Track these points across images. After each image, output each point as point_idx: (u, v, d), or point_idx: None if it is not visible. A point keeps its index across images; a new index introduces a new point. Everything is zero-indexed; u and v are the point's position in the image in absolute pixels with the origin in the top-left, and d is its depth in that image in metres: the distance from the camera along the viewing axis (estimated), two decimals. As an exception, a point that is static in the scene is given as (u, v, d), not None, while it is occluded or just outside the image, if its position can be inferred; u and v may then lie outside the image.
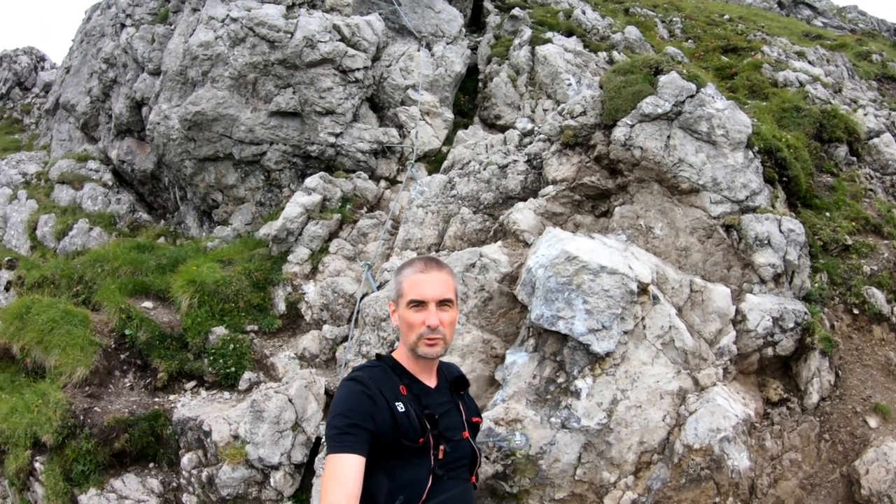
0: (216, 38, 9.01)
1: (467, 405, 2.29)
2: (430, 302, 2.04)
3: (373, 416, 1.89)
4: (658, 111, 5.31)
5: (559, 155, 6.46)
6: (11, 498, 6.19)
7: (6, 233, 11.20)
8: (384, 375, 2.05)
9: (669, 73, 5.25)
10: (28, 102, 19.32)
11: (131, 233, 12.09)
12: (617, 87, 5.53)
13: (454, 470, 2.09)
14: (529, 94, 8.72)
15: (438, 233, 7.56)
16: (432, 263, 2.14)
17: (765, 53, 9.66)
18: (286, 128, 10.00)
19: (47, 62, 21.46)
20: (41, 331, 7.41)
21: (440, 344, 2.07)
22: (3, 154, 14.81)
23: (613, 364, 5.05)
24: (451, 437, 2.09)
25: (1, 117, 18.76)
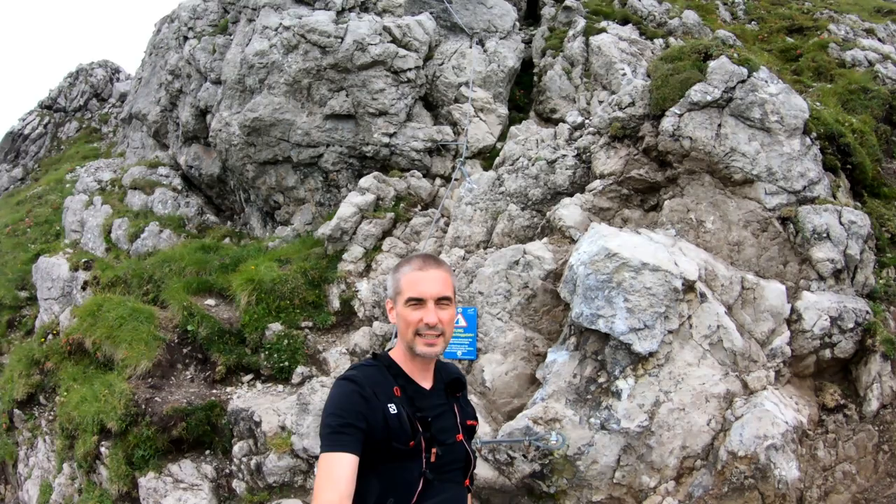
0: (270, 47, 9.32)
1: (463, 407, 2.23)
2: (429, 300, 2.00)
3: (366, 416, 1.88)
4: (707, 98, 5.04)
5: (607, 148, 6.26)
6: (80, 479, 6.64)
7: (83, 236, 12.01)
8: (379, 375, 2.02)
9: (719, 59, 4.97)
10: (105, 112, 20.66)
11: (199, 234, 12.67)
12: (664, 76, 5.29)
13: (447, 473, 2.05)
14: (585, 87, 8.48)
15: (487, 230, 7.51)
16: (430, 261, 2.11)
17: (831, 32, 8.93)
18: (341, 130, 10.20)
19: (122, 73, 22.86)
20: (111, 326, 7.91)
21: (439, 343, 2.03)
22: (83, 162, 15.94)
23: (657, 364, 4.84)
24: (444, 440, 2.05)
25: (80, 127, 20.15)
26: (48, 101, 20.91)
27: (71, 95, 20.87)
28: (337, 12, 9.10)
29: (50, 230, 12.93)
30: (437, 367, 2.19)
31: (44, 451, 7.29)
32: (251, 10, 10.03)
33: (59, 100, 20.81)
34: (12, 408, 7.71)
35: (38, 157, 19.32)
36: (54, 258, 10.90)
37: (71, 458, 6.80)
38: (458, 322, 6.21)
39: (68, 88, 21.07)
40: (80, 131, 19.68)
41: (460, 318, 6.19)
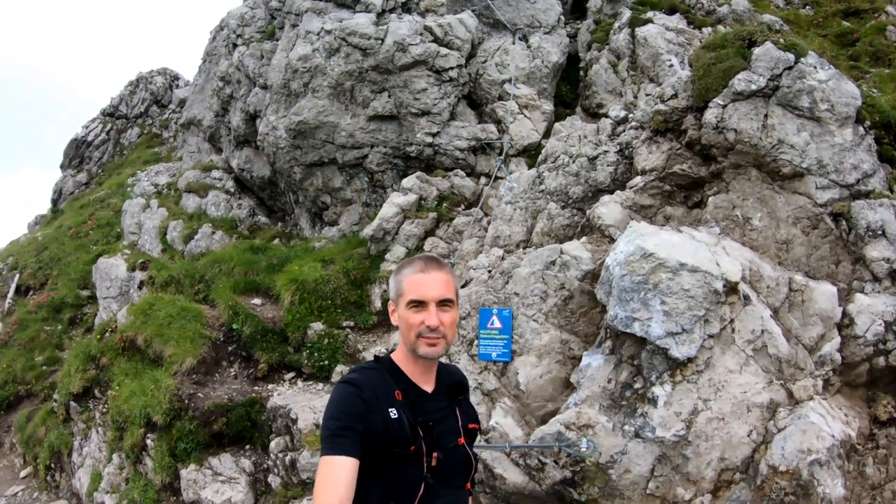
0: (313, 51, 9.47)
1: (465, 411, 2.22)
2: (431, 302, 1.98)
3: (366, 419, 1.87)
4: (752, 87, 4.74)
5: (649, 143, 6.01)
6: (127, 469, 6.91)
7: (140, 238, 12.57)
8: (380, 379, 2.01)
9: (763, 45, 4.66)
10: (165, 118, 21.61)
11: (250, 235, 13.05)
12: (706, 65, 5.03)
13: (448, 477, 2.04)
14: (631, 80, 8.20)
15: (527, 229, 7.37)
16: (432, 263, 2.09)
17: (889, 14, 8.24)
18: (384, 130, 10.27)
19: (181, 80, 23.83)
20: (160, 325, 8.21)
21: (441, 344, 2.01)
22: (144, 167, 16.70)
23: (696, 371, 4.58)
24: (445, 444, 2.03)
25: (142, 133, 21.12)
26: (110, 109, 22.07)
27: (132, 103, 21.95)
28: (377, 14, 9.16)
29: (111, 232, 13.61)
30: (439, 369, 2.17)
31: (96, 442, 7.64)
32: (294, 16, 10.24)
33: (121, 107, 21.93)
34: (69, 400, 8.12)
35: (102, 162, 20.43)
36: (113, 259, 11.45)
37: (120, 449, 7.10)
38: (493, 323, 6.10)
39: (129, 96, 22.17)
40: (141, 137, 20.70)
41: (495, 320, 6.08)
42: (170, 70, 23.86)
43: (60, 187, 19.56)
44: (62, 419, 8.27)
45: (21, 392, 9.92)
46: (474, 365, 6.16)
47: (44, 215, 18.75)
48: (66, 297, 11.79)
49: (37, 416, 8.71)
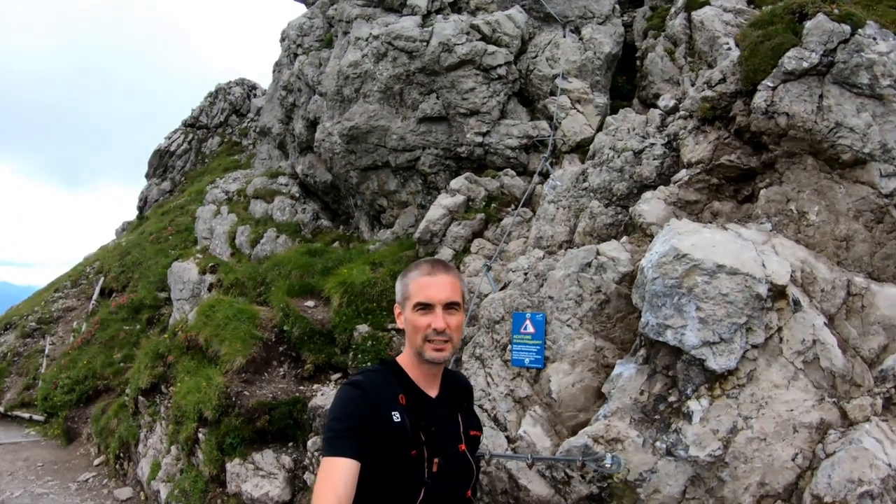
0: (363, 57, 9.53)
1: (467, 417, 2.23)
2: (437, 305, 2.00)
3: (369, 422, 1.88)
4: (804, 65, 4.22)
5: (696, 132, 5.54)
6: (182, 461, 7.23)
7: (212, 242, 13.21)
8: (384, 382, 2.02)
9: (815, 17, 4.13)
10: (244, 127, 22.68)
11: (313, 239, 13.40)
12: (753, 44, 4.54)
13: (449, 483, 2.04)
14: (689, 67, 7.62)
15: (569, 229, 7.06)
16: (439, 266, 2.10)
17: None
18: (434, 132, 10.19)
19: (258, 90, 24.95)
20: (217, 325, 8.55)
21: (447, 349, 2.02)
22: (223, 174, 17.59)
23: (737, 384, 4.13)
24: (446, 449, 2.04)
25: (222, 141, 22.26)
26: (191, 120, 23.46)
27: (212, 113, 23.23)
28: (423, 16, 9.09)
29: (189, 237, 14.42)
30: (444, 375, 2.18)
31: (159, 434, 8.05)
32: (345, 23, 10.38)
33: (201, 118, 23.26)
34: (138, 395, 8.61)
35: (185, 170, 21.76)
36: (186, 263, 12.12)
37: (177, 442, 7.44)
38: (526, 328, 5.85)
39: (209, 107, 23.48)
40: (221, 145, 21.86)
41: (529, 324, 5.83)
42: (247, 80, 25.09)
43: (146, 195, 21.05)
44: (132, 412, 8.80)
45: (100, 387, 10.72)
46: (507, 371, 5.93)
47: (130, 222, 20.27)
48: (145, 299, 12.59)
49: (110, 409, 9.34)
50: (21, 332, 14.80)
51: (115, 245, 17.39)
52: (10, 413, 12.72)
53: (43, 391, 11.75)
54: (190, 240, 14.48)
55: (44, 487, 8.04)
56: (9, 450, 10.20)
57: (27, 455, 9.91)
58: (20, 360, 13.99)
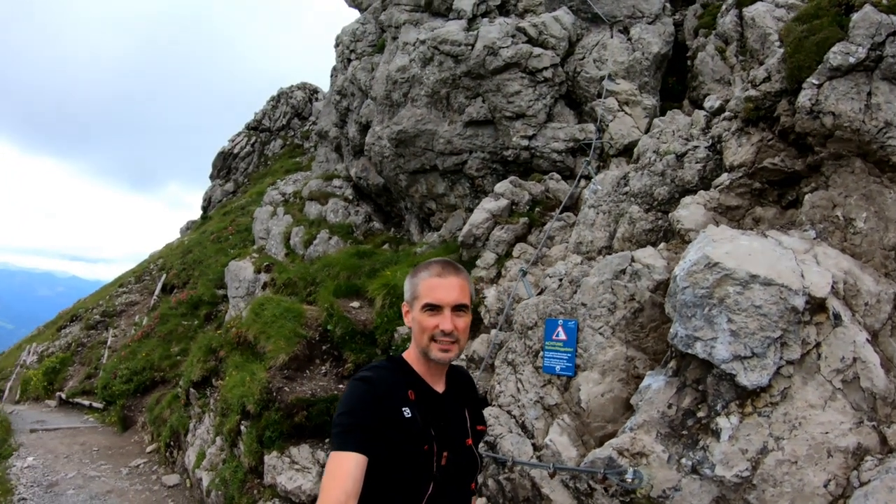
0: (410, 61, 9.62)
1: (473, 412, 2.28)
2: (446, 307, 2.00)
3: (378, 417, 1.90)
4: (850, 61, 3.94)
5: (739, 134, 5.29)
6: (225, 451, 7.52)
7: (268, 242, 13.66)
8: (393, 378, 2.04)
9: (862, 8, 3.84)
10: (306, 130, 23.32)
11: (364, 240, 13.64)
12: (797, 39, 4.29)
13: (456, 477, 2.06)
14: (741, 66, 7.26)
15: (609, 234, 6.89)
16: (449, 268, 2.12)
17: None
18: (481, 136, 10.17)
19: (320, 93, 25.60)
20: (265, 323, 8.85)
21: (454, 349, 2.03)
22: (284, 176, 18.18)
23: (770, 402, 3.90)
24: (454, 444, 2.06)
25: (284, 144, 22.98)
26: (254, 123, 24.34)
27: (274, 116, 24.04)
28: (468, 20, 9.08)
29: (247, 237, 14.98)
30: (447, 370, 2.21)
31: (206, 425, 8.41)
32: (395, 29, 10.52)
33: (264, 121, 24.10)
34: (189, 387, 9.03)
35: (248, 172, 22.61)
36: (242, 262, 12.60)
37: (221, 433, 7.75)
38: (558, 335, 5.75)
39: (271, 110, 24.30)
40: (284, 148, 22.60)
41: (561, 331, 5.72)
42: (309, 84, 25.85)
43: (210, 196, 22.04)
44: (183, 403, 9.23)
45: (156, 378, 11.31)
46: (538, 377, 5.84)
47: (194, 221, 21.28)
48: (203, 296, 13.18)
49: (164, 400, 9.84)
50: (86, 323, 15.86)
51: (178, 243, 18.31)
52: (72, 400, 13.66)
53: (103, 380, 12.53)
54: (248, 240, 15.04)
55: (96, 471, 8.57)
56: (67, 434, 10.94)
57: (84, 440, 10.57)
58: (83, 350, 15.00)
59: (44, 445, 10.11)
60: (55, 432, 11.24)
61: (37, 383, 14.80)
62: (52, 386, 14.63)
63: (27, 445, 10.07)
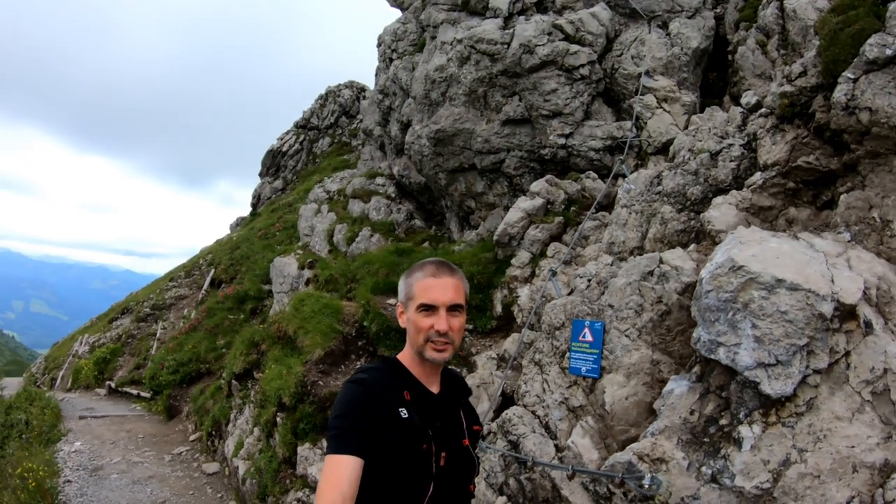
0: (448, 61, 9.66)
1: (468, 413, 2.27)
2: (441, 307, 2.01)
3: (373, 419, 1.89)
4: (887, 53, 3.75)
5: (774, 131, 5.10)
6: (262, 441, 7.78)
7: (312, 239, 13.97)
8: (389, 379, 2.04)
9: (901, -1, 3.64)
10: (354, 128, 23.67)
11: (406, 238, 13.78)
12: (832, 31, 4.10)
13: (454, 478, 2.04)
14: (782, 60, 6.95)
15: (641, 235, 6.77)
16: (444, 268, 2.12)
17: None
18: (518, 134, 10.13)
19: (367, 92, 25.90)
20: (304, 318, 9.09)
21: (448, 350, 2.04)
22: (332, 174, 18.54)
23: (794, 412, 3.76)
24: (452, 444, 2.06)
25: (332, 142, 23.37)
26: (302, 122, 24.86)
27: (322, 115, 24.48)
28: (504, 18, 9.03)
29: (293, 234, 15.37)
30: (442, 371, 2.21)
31: (246, 416, 8.72)
32: (433, 28, 10.57)
33: (312, 119, 24.58)
34: (231, 379, 9.37)
35: (296, 169, 23.13)
36: (287, 258, 12.95)
37: (259, 424, 8.02)
38: (584, 336, 5.70)
39: (319, 109, 24.76)
40: (332, 146, 23.01)
41: (587, 332, 5.66)
42: (356, 83, 26.23)
43: (259, 193, 22.69)
44: (225, 394, 9.59)
45: (202, 369, 11.77)
46: (564, 378, 5.80)
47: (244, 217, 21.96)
48: (250, 291, 13.61)
49: (208, 391, 10.23)
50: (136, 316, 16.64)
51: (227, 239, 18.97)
52: (121, 389, 14.34)
53: (151, 371, 13.10)
54: (294, 236, 15.43)
55: (140, 457, 9.00)
56: (115, 421, 11.49)
57: (130, 427, 11.07)
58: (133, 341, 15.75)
59: (91, 431, 10.62)
60: (103, 419, 11.78)
61: (87, 372, 15.63)
62: (103, 375, 15.41)
63: (76, 431, 10.59)
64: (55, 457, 8.83)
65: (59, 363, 19.87)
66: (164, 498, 7.58)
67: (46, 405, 12.01)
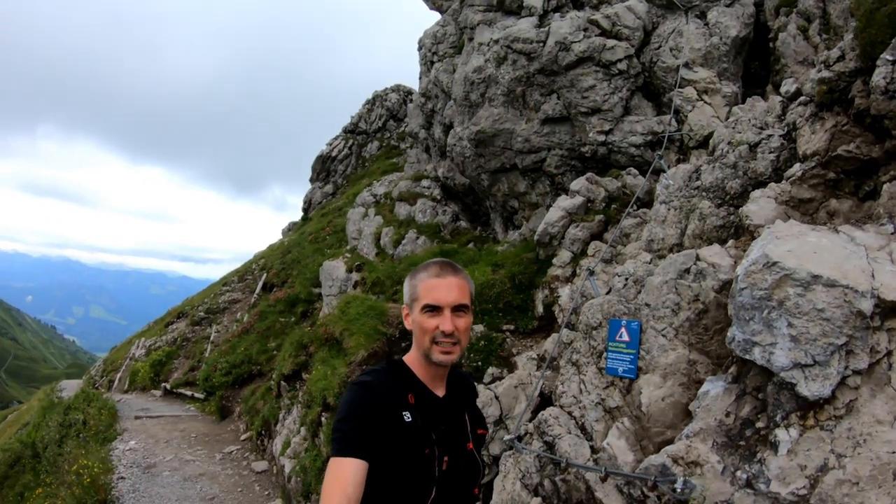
0: (485, 62, 9.67)
1: (473, 416, 2.22)
2: (446, 308, 2.00)
3: (377, 422, 1.88)
4: (929, 37, 3.55)
5: (813, 120, 4.89)
6: (307, 441, 8.01)
7: (360, 242, 14.23)
8: (393, 382, 2.04)
9: (941, -22, 3.42)
10: (402, 131, 23.93)
11: (451, 240, 13.86)
12: (868, 12, 3.92)
13: (458, 482, 2.03)
14: (824, 45, 6.61)
15: (680, 231, 6.62)
16: (448, 268, 2.10)
17: None
18: (558, 133, 10.04)
19: (414, 95, 26.10)
20: (349, 320, 9.30)
21: (455, 351, 2.03)
22: (381, 177, 18.82)
23: (833, 415, 3.61)
24: (455, 448, 2.04)
25: (381, 146, 23.68)
26: (350, 126, 25.29)
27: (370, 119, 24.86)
28: (539, 16, 8.97)
29: (343, 237, 15.69)
30: (449, 375, 2.18)
31: (294, 416, 9.00)
32: (470, 30, 10.60)
33: (360, 124, 24.99)
34: (281, 380, 9.69)
35: (346, 174, 23.58)
36: (335, 261, 13.26)
37: (305, 424, 8.27)
38: (621, 336, 5.62)
39: (367, 113, 25.14)
40: (380, 149, 23.35)
41: (624, 332, 5.59)
42: (403, 86, 26.53)
43: (310, 198, 23.25)
44: (275, 395, 9.92)
45: (253, 371, 12.17)
46: (601, 379, 5.74)
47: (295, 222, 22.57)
48: (300, 294, 13.99)
49: (258, 391, 10.59)
50: (191, 320, 17.33)
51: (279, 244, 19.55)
52: (175, 390, 14.93)
53: (204, 373, 13.59)
54: (343, 240, 15.76)
55: (192, 455, 9.37)
56: (169, 421, 11.97)
57: (184, 427, 11.48)
58: (188, 344, 16.41)
59: (146, 431, 11.06)
60: (158, 419, 12.24)
61: (144, 375, 16.35)
62: (158, 377, 16.10)
63: (131, 430, 11.07)
64: (110, 455, 9.22)
65: (116, 366, 20.81)
66: (213, 494, 7.87)
67: (103, 406, 12.60)
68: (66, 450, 9.75)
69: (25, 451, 12.12)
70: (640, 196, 9.13)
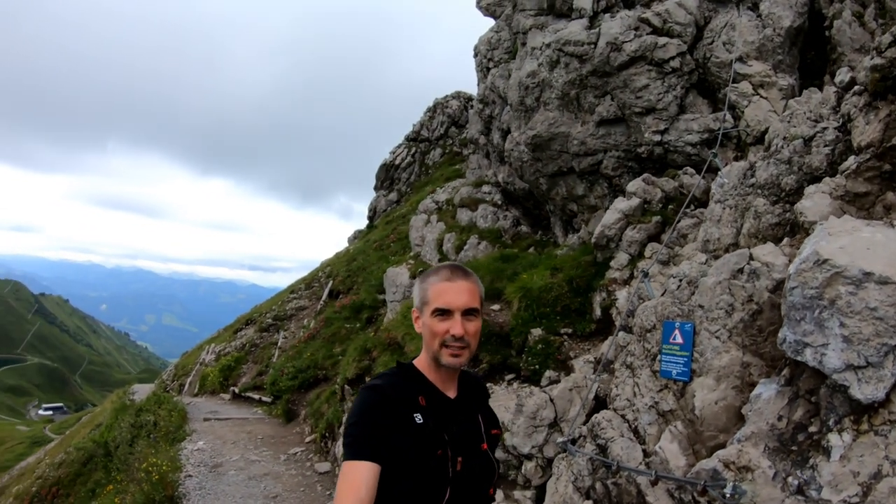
0: (539, 66, 9.72)
1: (486, 416, 2.24)
2: (456, 311, 1.99)
3: (389, 425, 1.89)
4: None
5: (867, 110, 4.70)
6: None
7: (423, 249, 14.51)
8: (404, 384, 2.04)
9: None
10: (464, 137, 24.13)
11: (512, 244, 13.93)
12: (924, 4, 3.77)
13: (472, 482, 2.04)
14: (881, 30, 6.24)
15: (735, 230, 6.46)
16: (458, 272, 2.10)
17: None
18: (614, 134, 9.95)
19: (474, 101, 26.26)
20: (411, 325, 9.59)
21: (465, 354, 2.03)
22: (444, 184, 19.07)
23: (888, 420, 3.50)
24: (469, 449, 2.05)
25: (443, 153, 23.94)
26: (412, 134, 25.73)
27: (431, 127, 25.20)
28: (589, 18, 8.93)
29: (406, 244, 16.03)
30: (460, 376, 2.20)
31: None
32: (523, 35, 10.66)
33: (422, 132, 25.36)
34: (345, 384, 10.07)
35: (410, 182, 24.00)
36: (399, 268, 13.59)
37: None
38: (675, 338, 5.58)
39: (428, 121, 25.50)
40: (443, 156, 23.64)
41: (677, 334, 5.54)
42: (463, 93, 26.76)
43: (374, 206, 23.80)
44: (339, 398, 10.30)
45: (319, 376, 12.61)
46: (654, 382, 5.71)
47: (360, 230, 23.16)
48: (365, 301, 14.40)
49: (323, 395, 10.98)
50: (259, 326, 18.06)
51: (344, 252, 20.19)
52: (243, 394, 15.51)
53: (272, 377, 14.09)
54: (407, 247, 16.10)
55: (258, 456, 9.78)
56: (237, 423, 12.42)
57: (251, 429, 11.89)
58: (256, 350, 17.10)
59: (214, 432, 11.47)
60: (226, 421, 12.64)
61: (213, 379, 17.11)
62: (227, 381, 16.81)
63: (199, 432, 11.52)
64: (179, 454, 9.59)
65: (187, 370, 21.87)
66: (276, 493, 8.15)
67: (173, 408, 13.12)
68: (136, 449, 10.27)
69: (98, 450, 12.87)
70: (696, 196, 8.90)
